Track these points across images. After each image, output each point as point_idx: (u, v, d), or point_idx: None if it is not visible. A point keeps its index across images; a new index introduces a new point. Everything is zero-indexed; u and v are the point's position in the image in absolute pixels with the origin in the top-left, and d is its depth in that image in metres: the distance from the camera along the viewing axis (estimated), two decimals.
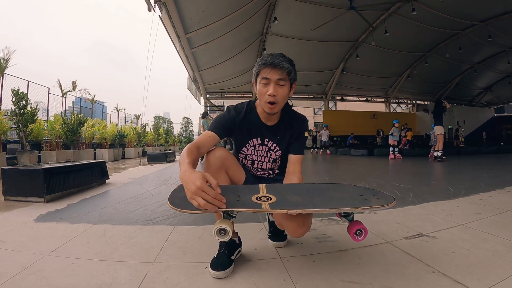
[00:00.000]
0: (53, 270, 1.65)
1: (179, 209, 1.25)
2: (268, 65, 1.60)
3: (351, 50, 22.68)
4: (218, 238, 1.32)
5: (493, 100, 36.05)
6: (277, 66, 1.59)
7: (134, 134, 15.81)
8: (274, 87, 1.61)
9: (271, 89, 1.60)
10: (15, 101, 7.70)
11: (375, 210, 1.28)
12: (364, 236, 1.36)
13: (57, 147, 9.26)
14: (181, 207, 1.26)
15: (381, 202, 1.35)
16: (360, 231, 1.36)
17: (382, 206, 1.30)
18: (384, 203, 1.33)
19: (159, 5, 11.87)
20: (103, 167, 5.12)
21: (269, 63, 1.60)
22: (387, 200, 1.37)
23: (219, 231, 1.31)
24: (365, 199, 1.41)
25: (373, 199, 1.40)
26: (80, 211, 3.11)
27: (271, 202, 1.37)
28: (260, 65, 1.64)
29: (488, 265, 1.66)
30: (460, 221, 2.55)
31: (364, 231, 1.36)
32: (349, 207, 1.31)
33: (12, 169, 3.68)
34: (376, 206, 1.30)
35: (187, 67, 20.30)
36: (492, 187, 4.23)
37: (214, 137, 1.70)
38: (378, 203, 1.34)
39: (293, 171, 1.75)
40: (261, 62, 1.64)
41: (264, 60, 1.63)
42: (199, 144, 1.63)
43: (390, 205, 1.32)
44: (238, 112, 1.81)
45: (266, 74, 1.61)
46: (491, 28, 19.88)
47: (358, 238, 1.36)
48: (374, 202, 1.35)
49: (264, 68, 1.62)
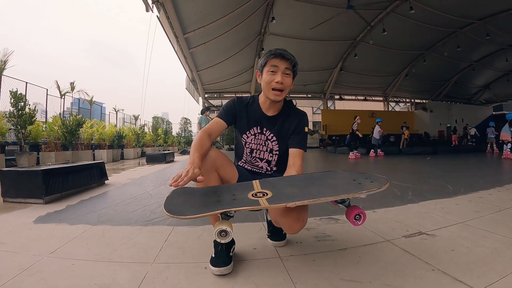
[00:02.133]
0: (53, 271, 1.65)
1: (176, 216, 1.24)
2: (277, 56, 1.73)
3: (349, 49, 22.68)
4: (219, 240, 1.31)
5: (492, 98, 36.11)
6: (285, 56, 1.73)
7: (133, 134, 15.78)
8: (282, 75, 1.72)
9: (279, 77, 1.72)
10: (13, 102, 7.70)
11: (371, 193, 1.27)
12: (363, 221, 1.36)
13: (55, 148, 9.23)
14: (177, 214, 1.25)
15: (376, 184, 1.34)
16: (359, 215, 1.35)
17: (377, 189, 1.29)
18: (379, 185, 1.33)
19: (157, 5, 11.86)
20: (102, 168, 5.12)
21: (278, 53, 1.73)
22: (381, 182, 1.37)
23: (219, 233, 1.30)
24: (359, 184, 1.41)
25: (367, 182, 1.40)
26: (79, 212, 3.11)
27: (268, 198, 1.36)
28: (269, 55, 1.76)
29: (487, 262, 1.67)
30: (460, 219, 2.56)
31: (363, 215, 1.36)
32: (345, 193, 1.31)
33: (11, 170, 3.68)
34: (371, 189, 1.30)
35: (185, 67, 20.31)
36: (491, 184, 4.24)
37: (221, 123, 1.86)
38: (372, 186, 1.34)
39: (293, 164, 1.77)
40: (269, 53, 1.76)
41: (273, 51, 1.75)
42: (209, 132, 1.78)
43: (384, 187, 1.31)
44: (241, 101, 1.95)
45: (275, 63, 1.73)
46: (489, 26, 19.90)
47: (357, 223, 1.36)
48: (368, 186, 1.35)
49: (273, 58, 1.74)
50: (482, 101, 36.94)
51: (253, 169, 1.98)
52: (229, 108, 1.91)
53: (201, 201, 1.44)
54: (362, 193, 1.29)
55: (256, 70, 1.88)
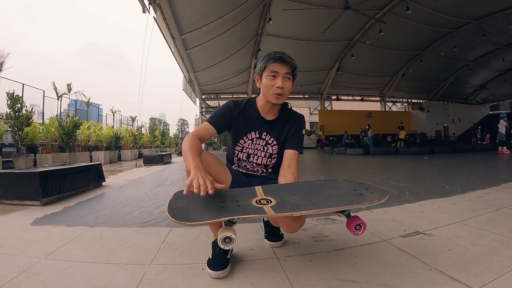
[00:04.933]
0: (50, 273, 1.65)
1: (182, 222, 1.24)
2: (277, 60, 1.71)
3: (346, 49, 22.77)
4: (223, 246, 1.31)
5: (488, 98, 36.26)
6: (285, 61, 1.70)
7: (130, 136, 15.74)
8: (282, 80, 1.71)
9: (279, 82, 1.70)
10: (10, 104, 7.68)
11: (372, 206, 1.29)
12: (363, 230, 1.38)
13: (52, 150, 9.21)
14: (183, 220, 1.25)
15: (376, 196, 1.37)
16: (360, 226, 1.38)
17: (377, 201, 1.32)
18: (379, 197, 1.35)
19: (153, 6, 11.86)
20: (99, 170, 5.10)
21: (278, 57, 1.70)
22: (381, 193, 1.39)
23: (224, 240, 1.30)
24: (360, 194, 1.43)
25: (368, 193, 1.42)
26: (77, 214, 3.10)
27: (273, 205, 1.36)
28: (268, 59, 1.73)
29: (485, 261, 1.67)
30: (457, 219, 2.57)
31: (363, 225, 1.38)
32: (347, 204, 1.32)
33: (8, 172, 3.66)
34: (372, 201, 1.32)
35: (182, 68, 20.29)
36: (488, 184, 4.25)
37: (211, 129, 1.79)
38: (373, 197, 1.36)
39: (289, 166, 1.75)
40: (269, 57, 1.74)
41: (272, 55, 1.73)
42: (199, 136, 1.73)
43: (384, 198, 1.34)
44: (237, 105, 1.88)
45: (275, 68, 1.70)
46: (486, 26, 20.02)
47: (358, 233, 1.38)
48: (369, 197, 1.37)
49: (272, 62, 1.71)
50: (478, 101, 37.10)
51: (247, 172, 1.97)
52: (223, 114, 1.84)
53: (204, 206, 1.42)
54: (363, 204, 1.34)
55: (255, 74, 1.85)
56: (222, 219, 1.27)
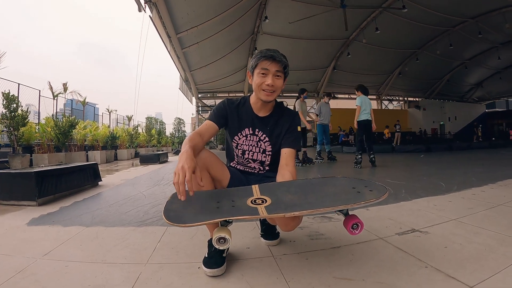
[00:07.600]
0: (46, 273, 1.64)
1: (175, 224, 1.24)
2: (268, 58, 1.72)
3: (342, 48, 22.72)
4: (218, 246, 1.32)
5: (484, 96, 36.40)
6: (276, 59, 1.72)
7: (126, 135, 15.70)
8: (272, 78, 1.73)
9: (270, 79, 1.72)
10: (5, 104, 7.63)
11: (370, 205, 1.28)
12: (360, 230, 1.37)
13: (48, 150, 9.17)
14: (177, 222, 1.25)
15: (375, 194, 1.35)
16: (357, 225, 1.36)
17: (376, 199, 1.29)
18: (378, 195, 1.33)
19: (149, 5, 11.82)
20: (96, 169, 5.09)
21: (269, 56, 1.72)
22: (380, 191, 1.37)
23: (218, 240, 1.31)
24: (358, 192, 1.41)
25: (366, 191, 1.40)
26: (73, 214, 3.09)
27: (267, 205, 1.36)
28: (260, 57, 1.75)
29: (480, 259, 1.68)
30: (453, 216, 2.57)
31: (360, 224, 1.36)
32: (343, 204, 1.31)
33: (3, 173, 3.64)
34: (370, 200, 1.30)
35: (178, 67, 20.25)
36: (484, 181, 4.27)
37: (212, 125, 1.84)
38: (371, 196, 1.34)
39: (286, 164, 1.77)
40: (260, 55, 1.75)
41: (264, 53, 1.74)
42: (200, 132, 1.76)
43: (383, 197, 1.31)
44: (231, 102, 1.95)
45: (266, 65, 1.72)
46: (482, 25, 20.06)
47: (354, 232, 1.36)
48: (368, 196, 1.35)
49: (263, 60, 1.73)
50: (474, 99, 37.24)
51: (245, 170, 1.98)
52: (219, 110, 1.91)
53: (200, 207, 1.43)
54: (360, 204, 1.31)
55: (247, 71, 1.88)
56: (215, 221, 1.28)
